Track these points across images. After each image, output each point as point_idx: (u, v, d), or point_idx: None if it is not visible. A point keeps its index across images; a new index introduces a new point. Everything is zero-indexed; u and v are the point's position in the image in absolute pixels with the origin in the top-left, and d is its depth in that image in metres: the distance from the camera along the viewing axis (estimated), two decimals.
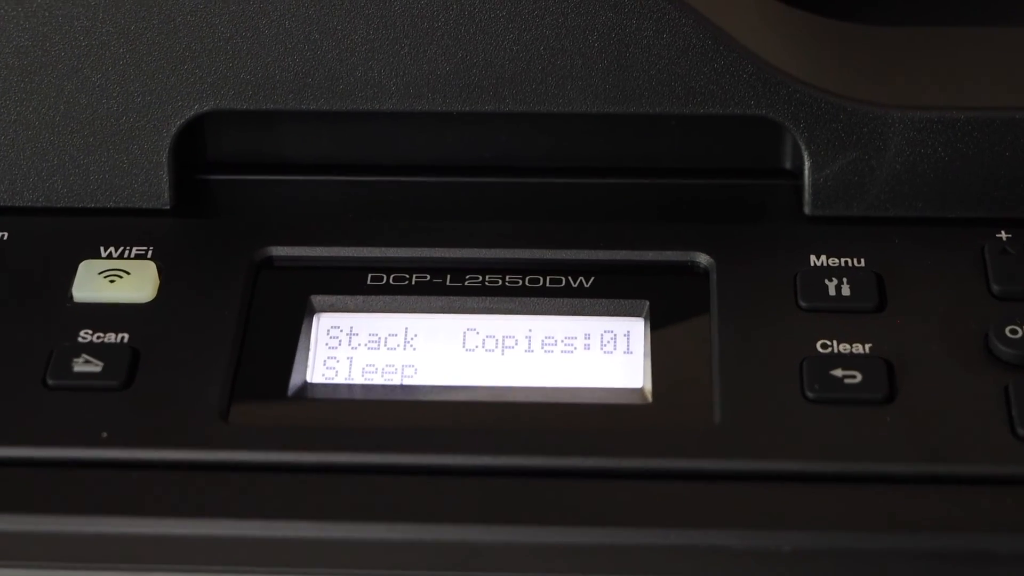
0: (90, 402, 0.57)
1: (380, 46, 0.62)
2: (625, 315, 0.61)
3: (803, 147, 0.64)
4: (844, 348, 0.58)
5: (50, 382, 0.57)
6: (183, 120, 0.65)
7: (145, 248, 0.62)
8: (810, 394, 0.54)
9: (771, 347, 0.58)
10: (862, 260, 0.61)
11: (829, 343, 0.57)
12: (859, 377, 0.56)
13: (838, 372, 0.56)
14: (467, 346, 0.58)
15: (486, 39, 0.62)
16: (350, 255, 0.63)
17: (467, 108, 0.64)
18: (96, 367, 0.57)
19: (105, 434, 0.56)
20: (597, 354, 0.59)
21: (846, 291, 0.59)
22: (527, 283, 0.62)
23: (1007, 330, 0.56)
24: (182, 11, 0.63)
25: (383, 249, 0.63)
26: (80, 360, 0.57)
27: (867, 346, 0.57)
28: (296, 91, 0.63)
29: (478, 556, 0.53)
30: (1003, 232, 0.63)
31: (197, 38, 0.63)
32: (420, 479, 0.53)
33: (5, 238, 0.64)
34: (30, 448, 0.55)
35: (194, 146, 0.70)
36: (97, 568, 0.55)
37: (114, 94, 0.64)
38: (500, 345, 0.58)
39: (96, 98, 0.64)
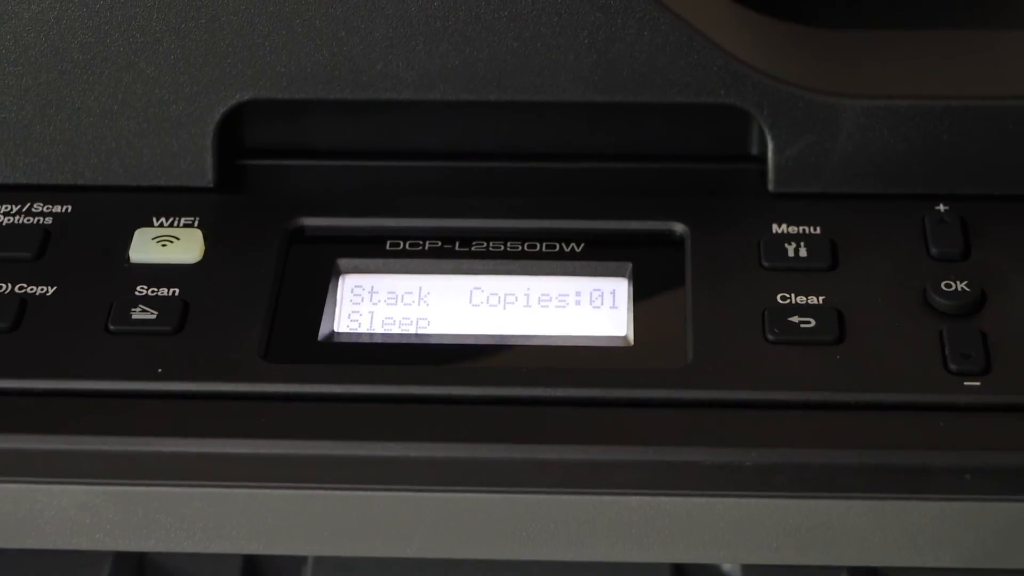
0: (146, 344, 0.61)
1: (398, 43, 0.65)
2: (611, 276, 0.65)
3: (767, 132, 0.67)
4: (801, 300, 0.61)
5: (111, 328, 0.61)
6: (226, 108, 0.68)
7: (192, 219, 0.66)
8: (770, 337, 0.59)
9: (737, 300, 0.63)
10: (818, 228, 0.65)
11: (788, 296, 0.61)
12: (813, 322, 0.60)
13: (795, 319, 0.60)
14: (473, 302, 0.62)
15: (490, 36, 0.65)
16: (371, 224, 0.68)
17: (474, 97, 0.66)
18: (151, 315, 0.61)
19: (160, 370, 0.59)
20: (587, 309, 0.62)
21: (803, 253, 0.63)
22: (526, 248, 0.66)
23: (943, 284, 0.60)
24: (225, 11, 0.64)
25: (400, 219, 0.67)
26: (137, 309, 0.61)
27: (821, 298, 0.61)
28: (324, 82, 0.66)
29: (483, 471, 0.58)
30: (941, 205, 0.66)
31: (238, 35, 0.66)
32: (432, 407, 0.57)
33: (70, 211, 0.67)
34: (95, 381, 0.59)
35: (234, 131, 0.70)
36: (153, 484, 0.58)
37: (165, 85, 0.66)
38: (502, 301, 0.62)
39: (149, 88, 0.66)
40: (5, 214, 0.70)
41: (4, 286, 0.66)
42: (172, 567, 0.73)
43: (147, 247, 0.64)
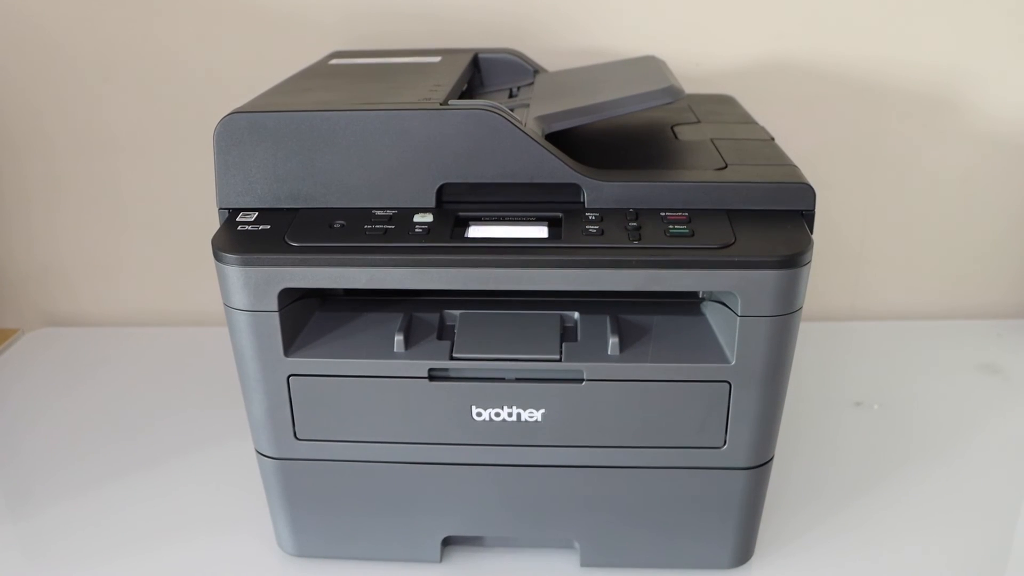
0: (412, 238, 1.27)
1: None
2: (540, 225, 1.33)
3: (584, 189, 1.34)
4: (592, 226, 1.24)
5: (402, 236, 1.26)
6: (439, 184, 1.35)
7: (429, 210, 1.32)
8: (589, 229, 1.24)
9: (571, 219, 1.26)
10: (601, 214, 1.31)
11: (592, 224, 1.23)
12: (599, 227, 1.27)
13: (590, 228, 1.25)
14: None
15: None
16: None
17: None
18: (424, 231, 1.25)
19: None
20: (534, 227, 1.30)
21: (595, 217, 1.28)
22: (512, 216, 1.31)
23: (628, 225, 1.24)
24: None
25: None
26: (420, 224, 1.27)
27: (598, 224, 1.23)
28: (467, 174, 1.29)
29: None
30: (631, 209, 1.31)
31: (440, 163, 1.32)
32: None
33: (396, 213, 1.33)
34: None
35: (441, 189, 1.34)
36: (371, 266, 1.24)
37: (424, 190, 1.32)
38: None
39: (416, 192, 1.33)
40: (379, 217, 1.30)
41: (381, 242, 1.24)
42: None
43: (417, 217, 1.27)
